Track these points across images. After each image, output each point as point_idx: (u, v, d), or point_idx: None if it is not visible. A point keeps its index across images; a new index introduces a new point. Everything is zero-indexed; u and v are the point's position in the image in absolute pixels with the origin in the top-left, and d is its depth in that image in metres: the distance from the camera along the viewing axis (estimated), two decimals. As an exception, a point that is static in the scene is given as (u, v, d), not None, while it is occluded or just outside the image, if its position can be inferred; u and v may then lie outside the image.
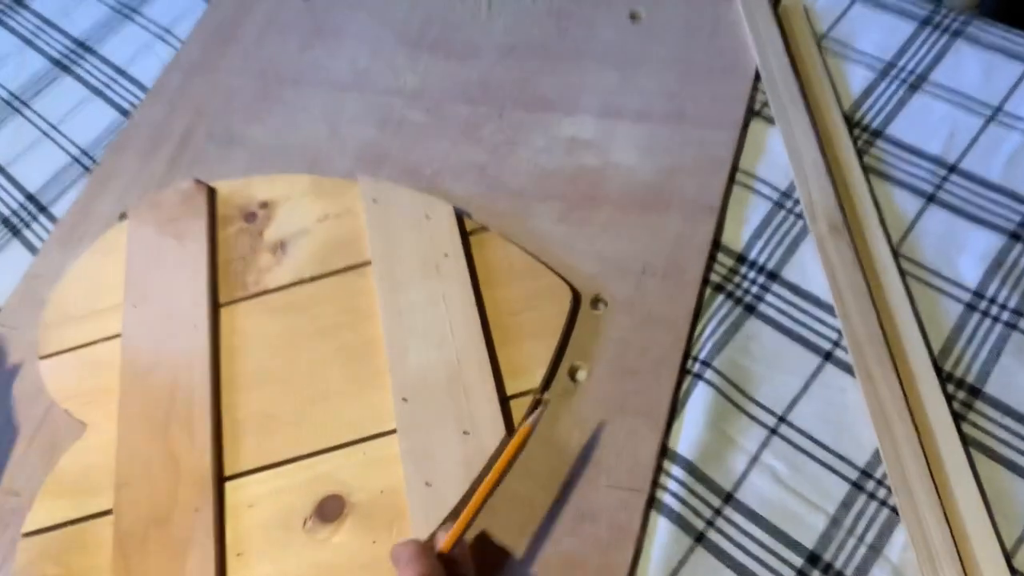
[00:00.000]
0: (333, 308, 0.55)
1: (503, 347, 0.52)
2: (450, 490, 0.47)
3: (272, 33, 0.73)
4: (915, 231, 0.54)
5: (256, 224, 0.60)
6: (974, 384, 0.48)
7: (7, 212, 0.69)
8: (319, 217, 0.59)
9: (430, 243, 0.56)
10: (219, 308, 0.56)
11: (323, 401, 0.52)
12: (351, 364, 0.53)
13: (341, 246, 0.58)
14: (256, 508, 0.49)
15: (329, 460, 0.50)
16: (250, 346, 0.55)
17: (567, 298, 0.53)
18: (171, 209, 0.60)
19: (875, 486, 0.46)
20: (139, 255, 0.59)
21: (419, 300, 0.53)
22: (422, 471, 0.47)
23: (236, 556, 0.47)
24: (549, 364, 0.51)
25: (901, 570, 0.44)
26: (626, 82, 0.63)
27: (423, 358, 0.51)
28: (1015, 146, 0.55)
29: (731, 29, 0.64)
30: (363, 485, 0.48)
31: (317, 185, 0.61)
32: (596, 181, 0.59)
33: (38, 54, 0.79)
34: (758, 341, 0.52)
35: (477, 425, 0.48)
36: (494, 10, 0.70)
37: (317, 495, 0.48)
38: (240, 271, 0.58)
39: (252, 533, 0.48)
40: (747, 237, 0.55)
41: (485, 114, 0.64)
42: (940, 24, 0.62)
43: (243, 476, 0.50)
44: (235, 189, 0.62)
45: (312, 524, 0.48)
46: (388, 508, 0.47)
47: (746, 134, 0.60)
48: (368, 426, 0.50)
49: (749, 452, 0.48)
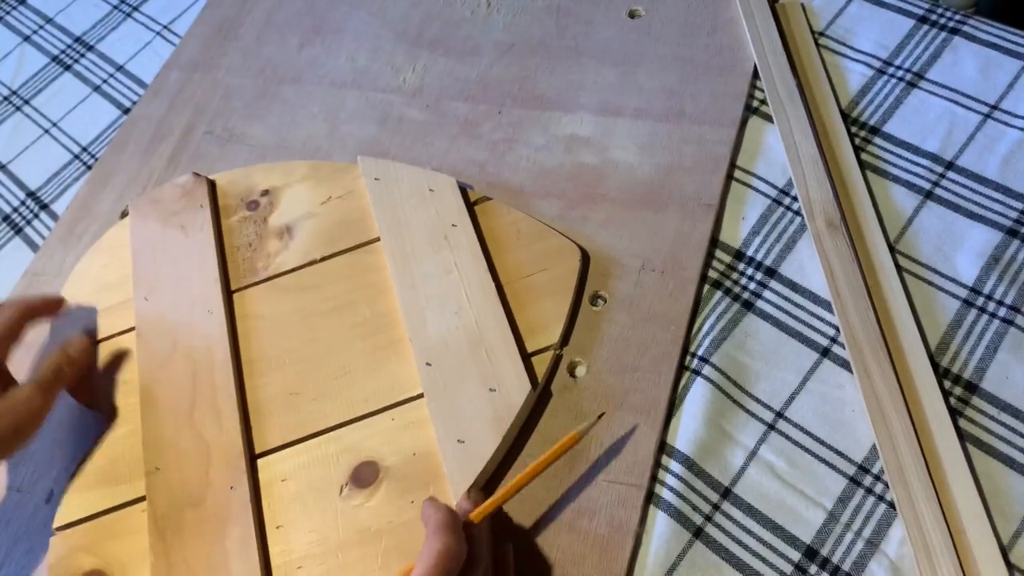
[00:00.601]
0: (346, 285, 0.56)
1: (519, 308, 0.53)
2: (482, 445, 0.48)
3: (271, 30, 0.74)
4: (912, 227, 0.54)
5: (259, 212, 0.60)
6: (971, 380, 0.48)
7: (8, 210, 0.69)
8: (322, 200, 0.60)
9: (436, 215, 0.57)
10: (231, 295, 0.57)
11: (345, 375, 0.52)
12: (370, 337, 0.53)
13: (348, 225, 0.58)
14: (290, 481, 0.49)
15: (358, 429, 0.50)
16: (266, 328, 0.55)
17: (576, 256, 0.55)
18: (172, 203, 0.61)
19: (872, 481, 0.46)
20: (144, 250, 0.59)
21: (432, 271, 0.54)
22: (453, 430, 0.49)
23: (276, 529, 0.48)
24: (566, 320, 0.52)
25: (898, 564, 0.44)
26: (625, 80, 0.63)
27: (442, 325, 0.52)
28: (1012, 143, 0.56)
29: (729, 26, 0.64)
30: (395, 449, 0.49)
31: (316, 170, 0.62)
32: (595, 178, 0.59)
33: (38, 51, 0.79)
34: (756, 337, 0.52)
35: (503, 382, 0.49)
36: (493, 8, 0.70)
37: (350, 463, 0.49)
38: (248, 257, 0.58)
39: (289, 505, 0.49)
40: (745, 234, 0.56)
41: (484, 112, 0.64)
42: (937, 21, 0.62)
43: (274, 452, 0.50)
44: (234, 179, 0.62)
45: (348, 491, 0.48)
46: (422, 469, 0.48)
47: (744, 131, 0.60)
48: (394, 393, 0.51)
49: (747, 447, 0.48)
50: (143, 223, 0.60)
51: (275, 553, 0.47)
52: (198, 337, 0.54)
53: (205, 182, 0.62)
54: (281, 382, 0.53)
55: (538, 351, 0.51)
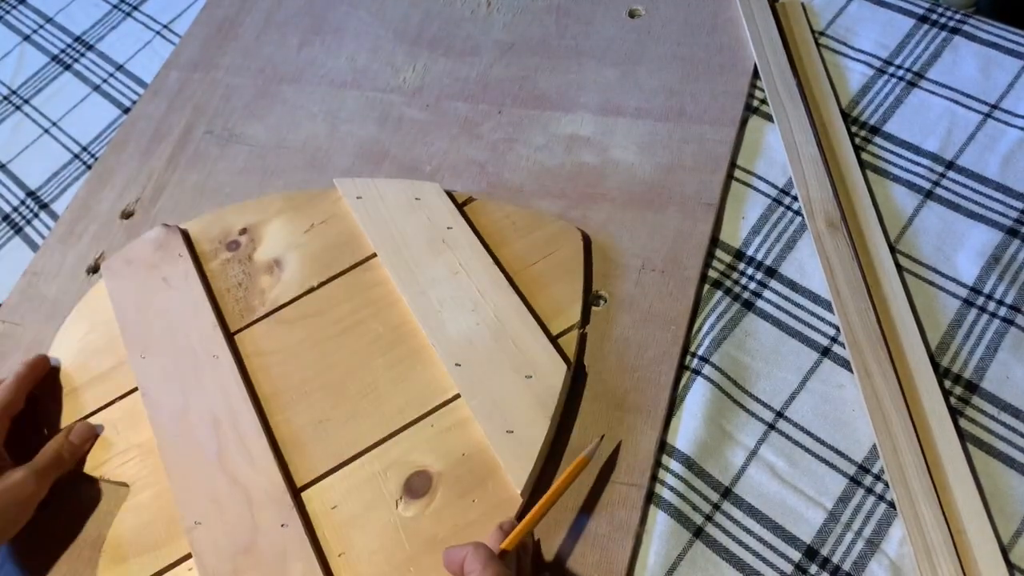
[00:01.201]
0: (351, 306, 0.55)
1: (531, 296, 0.53)
2: (533, 431, 0.48)
3: (271, 30, 0.74)
4: (912, 227, 0.54)
5: (241, 251, 0.59)
6: (971, 379, 0.48)
7: (8, 209, 0.69)
8: (304, 228, 0.59)
9: (429, 221, 0.57)
10: (233, 336, 0.55)
11: (372, 392, 0.52)
12: (389, 351, 0.53)
13: (339, 248, 0.58)
14: (341, 507, 0.48)
15: (399, 443, 0.50)
16: (278, 363, 0.54)
17: (577, 237, 0.55)
18: (148, 258, 0.59)
19: (873, 481, 0.46)
20: (128, 309, 0.57)
21: (438, 275, 0.54)
22: (499, 422, 0.48)
23: (338, 557, 0.47)
24: (582, 299, 0.53)
25: (898, 564, 0.44)
26: (625, 79, 0.63)
27: (462, 324, 0.52)
28: (1012, 142, 0.56)
29: (730, 26, 0.64)
30: (442, 454, 0.49)
31: (291, 200, 0.61)
32: (595, 178, 0.59)
33: (38, 51, 0.79)
34: (756, 337, 0.52)
35: (537, 367, 0.50)
36: (493, 8, 0.70)
37: (400, 477, 0.49)
38: (242, 297, 0.57)
39: (346, 531, 0.48)
40: (745, 233, 0.56)
41: (485, 111, 0.64)
42: (938, 21, 0.62)
43: (317, 482, 0.49)
44: (206, 224, 0.61)
45: (404, 504, 0.48)
46: (476, 467, 0.48)
47: (744, 131, 0.60)
48: (427, 400, 0.51)
49: (747, 447, 0.48)
50: (120, 283, 0.59)
51: None
52: (209, 384, 0.53)
53: (178, 231, 0.60)
54: (307, 412, 0.52)
55: (561, 333, 0.52)
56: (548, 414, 0.48)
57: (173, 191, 0.65)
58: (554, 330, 0.52)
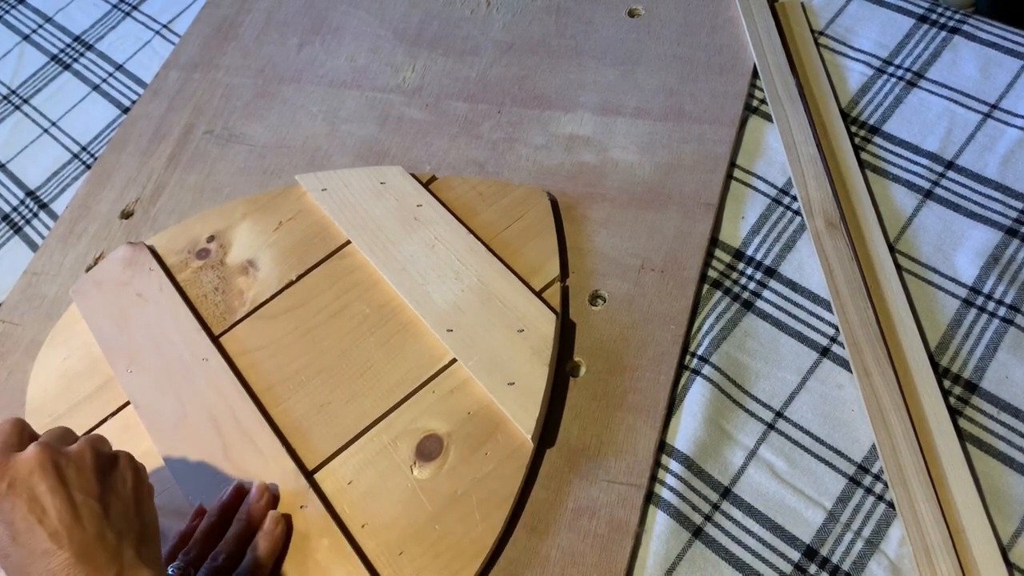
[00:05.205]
0: (333, 292, 0.56)
1: (509, 259, 0.55)
2: (533, 380, 0.50)
3: (271, 30, 0.74)
4: (912, 227, 0.54)
5: (212, 257, 0.59)
6: (970, 379, 0.48)
7: (7, 209, 0.69)
8: (273, 227, 0.60)
9: (397, 203, 0.58)
10: (218, 339, 0.55)
11: (369, 370, 0.53)
12: (378, 329, 0.54)
13: (311, 240, 0.59)
14: (356, 482, 0.49)
15: (403, 413, 0.51)
16: (268, 357, 0.54)
17: (544, 197, 0.57)
18: (118, 276, 0.59)
19: (872, 481, 0.46)
20: (105, 328, 0.57)
21: (415, 250, 0.56)
22: (499, 376, 0.50)
23: (362, 528, 0.48)
24: (558, 255, 0.55)
25: (897, 564, 0.44)
26: (625, 79, 0.63)
27: (448, 293, 0.53)
28: (1012, 142, 0.56)
29: (729, 26, 0.64)
30: (448, 417, 0.50)
31: (254, 203, 0.61)
32: (595, 178, 0.59)
33: (37, 50, 0.79)
34: (755, 337, 0.52)
35: (527, 320, 0.52)
36: (493, 7, 0.70)
37: (411, 443, 0.50)
38: (220, 301, 0.57)
39: (366, 503, 0.49)
40: (745, 233, 0.56)
41: (484, 111, 0.64)
42: (937, 21, 0.62)
43: (328, 462, 0.50)
44: (171, 237, 0.61)
45: (419, 467, 0.49)
46: (483, 422, 0.50)
47: (744, 131, 0.60)
48: (424, 369, 0.52)
49: (746, 447, 0.48)
50: (93, 304, 0.58)
51: (370, 549, 0.47)
52: (203, 386, 0.53)
53: (144, 247, 0.60)
54: (306, 399, 0.52)
55: (544, 287, 0.54)
56: (546, 361, 0.50)
57: (173, 191, 0.65)
58: (536, 286, 0.53)
